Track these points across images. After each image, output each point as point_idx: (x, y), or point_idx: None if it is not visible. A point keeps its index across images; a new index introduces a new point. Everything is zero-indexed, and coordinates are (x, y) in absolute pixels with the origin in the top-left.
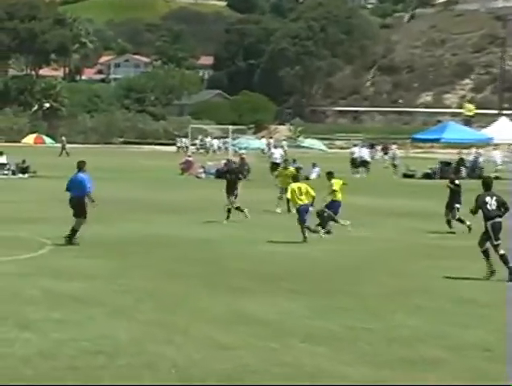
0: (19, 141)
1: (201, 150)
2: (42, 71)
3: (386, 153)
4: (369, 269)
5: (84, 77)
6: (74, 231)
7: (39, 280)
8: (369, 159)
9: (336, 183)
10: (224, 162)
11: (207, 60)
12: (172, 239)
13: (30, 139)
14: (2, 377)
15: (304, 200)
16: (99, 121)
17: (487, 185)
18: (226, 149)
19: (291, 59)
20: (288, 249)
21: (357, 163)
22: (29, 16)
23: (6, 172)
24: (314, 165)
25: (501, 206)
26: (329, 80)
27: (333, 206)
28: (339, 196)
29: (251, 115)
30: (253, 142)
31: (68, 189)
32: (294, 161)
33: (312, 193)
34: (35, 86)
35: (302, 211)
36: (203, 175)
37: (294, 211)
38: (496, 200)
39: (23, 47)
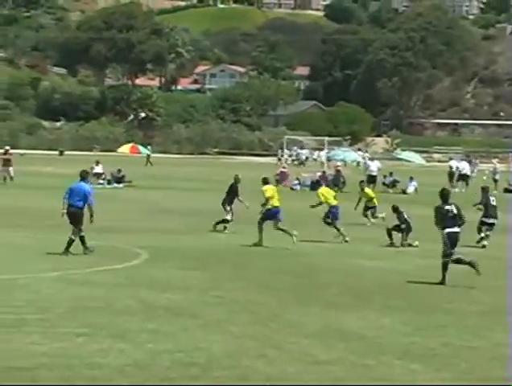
0: (115, 151)
1: (296, 162)
2: (138, 81)
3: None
4: (464, 286)
5: (179, 87)
6: (71, 240)
7: (134, 290)
8: (469, 173)
9: (268, 190)
10: (319, 174)
11: (303, 71)
12: (265, 251)
13: (126, 149)
14: None
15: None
16: (194, 131)
17: (445, 196)
18: (321, 160)
19: (388, 70)
20: (378, 263)
21: (455, 177)
22: (126, 26)
23: (101, 182)
24: (411, 178)
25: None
26: (428, 91)
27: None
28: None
29: (347, 126)
30: (349, 154)
31: (67, 197)
32: (390, 174)
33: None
34: (131, 96)
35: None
36: (297, 187)
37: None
38: (455, 209)
39: (120, 57)
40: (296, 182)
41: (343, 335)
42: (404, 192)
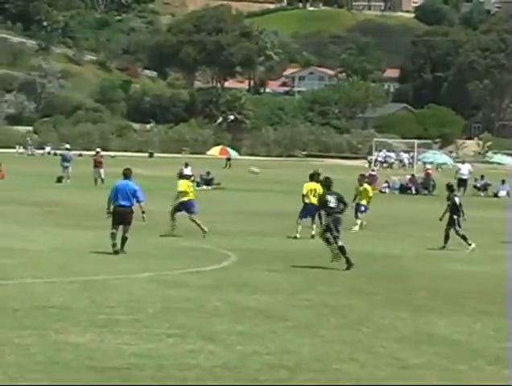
0: (204, 153)
1: (384, 164)
2: (227, 84)
3: None
4: None
5: (268, 90)
6: (125, 239)
7: (223, 292)
8: None
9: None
10: (408, 177)
11: (393, 73)
12: (354, 254)
13: (215, 151)
14: None
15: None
16: (282, 133)
17: (327, 186)
18: (411, 164)
19: (480, 72)
20: (469, 267)
21: None
22: (216, 29)
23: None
24: (503, 182)
25: (340, 202)
26: None
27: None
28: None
29: (437, 129)
30: (439, 157)
31: (113, 197)
32: (482, 177)
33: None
34: (220, 98)
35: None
36: (386, 190)
37: None
38: (336, 198)
39: (209, 60)
40: (385, 184)
41: (434, 340)
42: (496, 195)
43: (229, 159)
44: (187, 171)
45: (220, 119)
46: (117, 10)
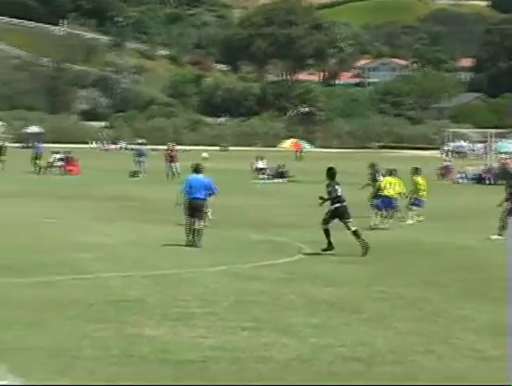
0: (275, 146)
1: (457, 155)
2: (298, 76)
3: None
4: None
5: (340, 81)
6: (199, 231)
7: (297, 284)
8: None
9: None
10: (482, 167)
11: (466, 62)
12: (428, 246)
13: (287, 144)
14: (266, 380)
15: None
16: (355, 125)
17: (332, 175)
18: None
19: None
20: None
21: None
22: (287, 21)
23: (264, 176)
24: None
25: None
26: None
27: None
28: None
29: None
30: None
31: (187, 191)
32: None
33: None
34: (291, 91)
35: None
36: (462, 180)
37: None
38: (341, 187)
39: (281, 53)
40: (460, 175)
41: None
42: None
43: (300, 151)
44: (261, 164)
45: (292, 112)
46: (188, 4)
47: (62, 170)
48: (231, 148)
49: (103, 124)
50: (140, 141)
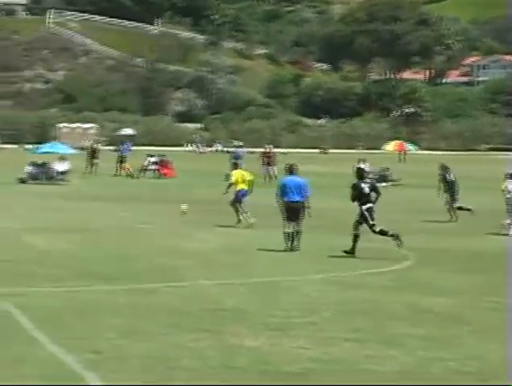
0: (378, 148)
1: None
2: (403, 75)
3: None
4: None
5: (448, 80)
6: (299, 233)
7: (402, 293)
8: None
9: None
10: None
11: None
12: None
13: (392, 146)
14: None
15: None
16: (463, 126)
17: (360, 174)
18: None
19: None
20: None
21: None
22: (391, 17)
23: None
24: None
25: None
26: None
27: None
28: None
29: None
30: None
31: (284, 194)
32: None
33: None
34: (395, 90)
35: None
36: None
37: None
38: (369, 186)
39: (384, 50)
40: None
41: None
42: None
43: (404, 153)
44: (364, 167)
45: (397, 112)
46: (287, 0)
47: (157, 173)
48: (331, 150)
49: (198, 126)
50: (236, 143)
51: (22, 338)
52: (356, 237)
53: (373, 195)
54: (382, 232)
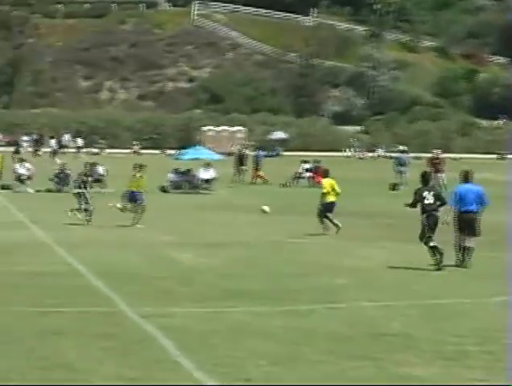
0: None
1: None
2: None
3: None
4: None
5: None
6: (471, 249)
7: None
8: None
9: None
10: None
11: None
12: None
13: None
14: None
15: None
16: None
17: (426, 180)
18: None
19: None
20: None
21: None
22: None
23: None
24: None
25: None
26: None
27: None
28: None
29: None
30: None
31: (457, 203)
32: None
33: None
34: None
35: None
36: None
37: None
38: (433, 194)
39: None
40: None
41: None
42: None
43: None
44: None
45: None
46: None
47: (311, 181)
48: (510, 156)
49: (358, 128)
50: (401, 148)
51: (166, 363)
52: (433, 248)
53: None
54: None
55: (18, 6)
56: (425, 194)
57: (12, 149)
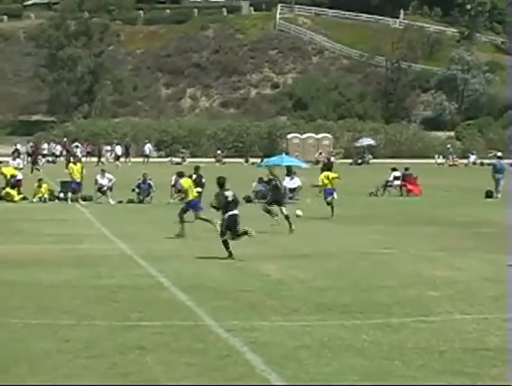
0: None
1: None
2: None
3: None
4: None
5: None
6: None
7: None
8: None
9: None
10: None
11: None
12: None
13: None
14: None
15: None
16: None
17: (221, 184)
18: None
19: None
20: None
21: None
22: None
23: None
24: None
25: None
26: None
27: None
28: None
29: None
30: None
31: None
32: None
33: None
34: None
35: None
36: None
37: None
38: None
39: None
40: None
41: None
42: None
43: None
44: None
45: None
46: None
47: (400, 190)
48: None
49: (450, 134)
50: (497, 154)
51: (253, 380)
52: None
53: None
54: None
55: (97, 13)
56: None
57: (94, 159)
